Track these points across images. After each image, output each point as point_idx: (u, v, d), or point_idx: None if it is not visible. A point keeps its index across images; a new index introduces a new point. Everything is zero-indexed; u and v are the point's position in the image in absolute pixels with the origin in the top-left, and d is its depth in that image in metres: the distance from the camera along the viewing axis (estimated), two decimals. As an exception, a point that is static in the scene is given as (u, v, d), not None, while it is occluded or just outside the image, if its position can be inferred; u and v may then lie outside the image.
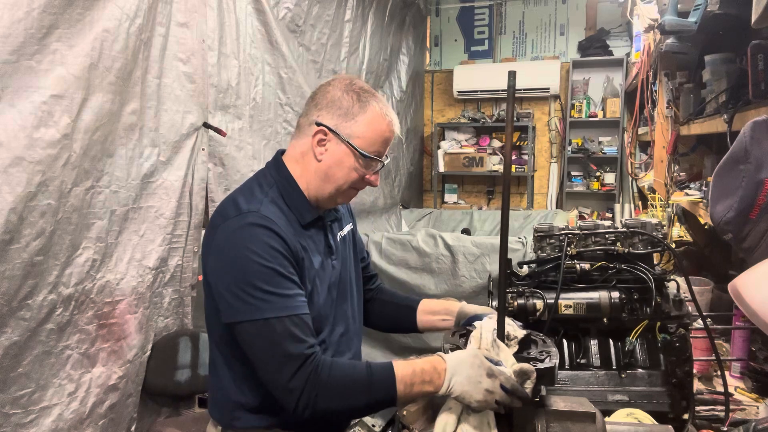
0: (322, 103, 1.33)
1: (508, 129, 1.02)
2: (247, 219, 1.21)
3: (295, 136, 1.38)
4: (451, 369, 1.11)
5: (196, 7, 2.38)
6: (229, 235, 1.22)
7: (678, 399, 1.42)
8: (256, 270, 1.17)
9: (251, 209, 1.23)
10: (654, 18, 2.50)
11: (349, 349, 1.45)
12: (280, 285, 1.18)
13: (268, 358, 1.17)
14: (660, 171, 2.96)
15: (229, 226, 1.23)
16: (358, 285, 1.53)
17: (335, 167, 1.31)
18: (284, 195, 1.32)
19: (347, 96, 1.31)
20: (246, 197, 1.28)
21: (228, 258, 1.20)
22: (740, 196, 1.40)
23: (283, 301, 1.18)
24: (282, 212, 1.28)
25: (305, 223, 1.32)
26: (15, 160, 1.61)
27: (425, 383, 1.12)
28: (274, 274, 1.18)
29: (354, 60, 4.08)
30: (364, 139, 1.29)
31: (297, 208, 1.32)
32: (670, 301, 1.47)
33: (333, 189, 1.32)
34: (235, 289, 1.18)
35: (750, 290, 1.10)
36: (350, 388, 1.16)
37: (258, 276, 1.17)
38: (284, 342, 1.15)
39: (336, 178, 1.31)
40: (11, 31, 1.58)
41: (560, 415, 1.04)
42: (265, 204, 1.26)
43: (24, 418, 1.73)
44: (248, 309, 1.17)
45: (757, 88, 1.63)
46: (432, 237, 3.33)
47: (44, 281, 1.75)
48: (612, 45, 5.65)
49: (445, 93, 6.19)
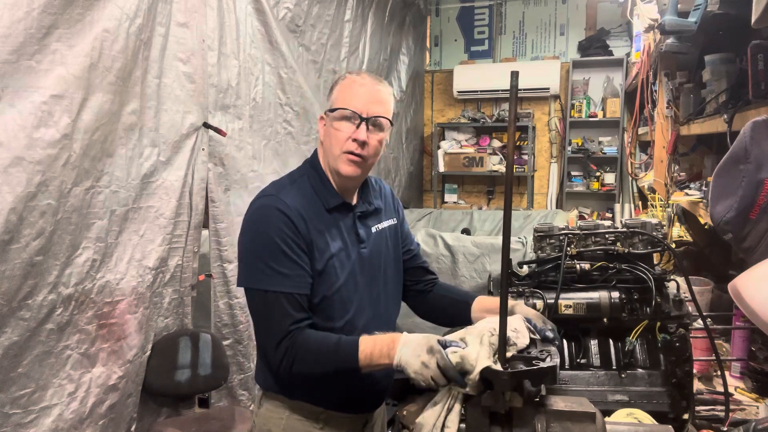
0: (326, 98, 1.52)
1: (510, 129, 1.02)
2: (265, 201, 1.41)
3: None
4: (401, 343, 1.26)
5: (196, 7, 2.38)
6: (250, 213, 1.42)
7: (678, 399, 1.41)
8: (262, 245, 1.36)
9: (272, 192, 1.42)
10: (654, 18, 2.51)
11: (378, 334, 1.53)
12: (281, 263, 1.35)
13: (261, 323, 1.40)
14: (660, 171, 2.96)
15: (253, 205, 1.43)
16: (395, 276, 1.62)
17: (327, 138, 1.46)
18: (312, 183, 1.47)
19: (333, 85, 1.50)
20: (275, 183, 1.48)
21: (245, 231, 1.42)
22: (740, 196, 1.40)
23: (282, 279, 1.34)
24: (306, 198, 1.43)
25: (329, 207, 1.46)
26: (15, 160, 1.61)
27: (382, 355, 1.27)
28: (278, 253, 1.35)
29: (354, 60, 4.08)
30: (335, 102, 1.45)
31: (323, 193, 1.46)
32: (670, 301, 1.46)
33: (332, 159, 1.44)
34: (247, 258, 1.40)
35: (750, 290, 1.10)
36: (319, 357, 1.34)
37: (264, 251, 1.36)
38: (276, 313, 1.34)
39: (329, 146, 1.45)
40: (11, 31, 1.58)
41: (560, 415, 1.04)
42: (287, 190, 1.43)
43: (24, 418, 1.73)
44: (253, 278, 1.38)
45: (757, 88, 1.63)
46: (432, 237, 3.33)
47: (44, 281, 1.75)
48: (612, 45, 5.65)
49: (445, 93, 6.19)
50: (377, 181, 1.65)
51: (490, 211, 5.29)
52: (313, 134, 3.37)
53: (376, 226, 1.56)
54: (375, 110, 1.42)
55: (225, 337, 2.64)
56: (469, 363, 1.11)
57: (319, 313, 1.41)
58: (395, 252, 1.62)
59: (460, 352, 1.13)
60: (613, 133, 5.64)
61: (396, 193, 5.40)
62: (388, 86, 1.51)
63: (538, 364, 1.10)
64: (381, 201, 1.61)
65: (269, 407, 1.49)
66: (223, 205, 2.61)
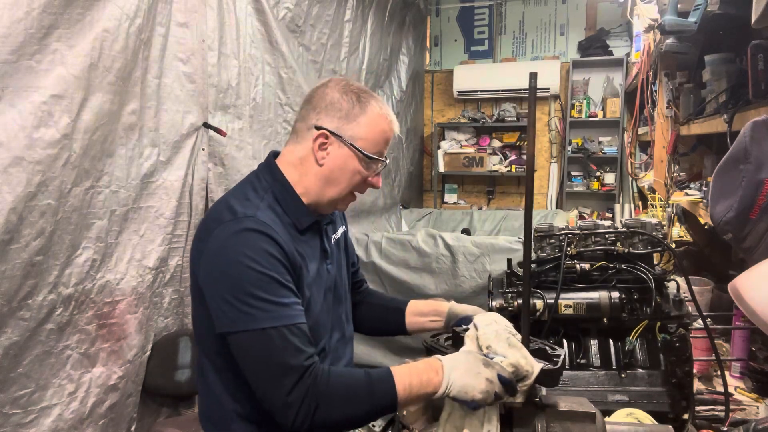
0: (320, 106, 1.29)
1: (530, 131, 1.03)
2: (243, 224, 1.16)
3: (291, 141, 1.35)
4: (448, 365, 1.10)
5: (196, 7, 2.38)
6: (225, 240, 1.16)
7: (678, 399, 1.42)
8: (252, 277, 1.12)
9: (248, 213, 1.19)
10: (654, 18, 2.51)
11: (345, 354, 1.42)
12: (277, 293, 1.13)
13: (264, 370, 1.12)
14: (660, 171, 2.96)
15: (224, 230, 1.17)
16: (349, 286, 1.51)
17: (338, 171, 1.27)
18: (280, 200, 1.27)
19: (346, 97, 1.27)
20: (241, 201, 1.23)
21: (222, 264, 1.15)
22: (740, 196, 1.40)
23: (281, 310, 1.13)
24: (278, 217, 1.24)
25: (302, 228, 1.28)
26: (15, 160, 1.61)
27: (423, 385, 1.10)
28: (271, 282, 1.13)
29: (354, 60, 4.08)
30: (366, 140, 1.27)
31: (293, 213, 1.28)
32: (670, 301, 1.47)
33: (335, 193, 1.29)
34: (230, 297, 1.12)
35: (750, 290, 1.10)
36: (351, 398, 1.12)
37: (254, 283, 1.12)
38: (282, 353, 1.10)
39: (339, 182, 1.28)
40: (11, 31, 1.58)
41: (560, 415, 1.04)
42: (262, 209, 1.22)
43: (24, 418, 1.73)
44: (244, 318, 1.12)
45: (757, 88, 1.63)
46: (432, 237, 3.33)
47: (44, 281, 1.75)
48: (612, 45, 5.65)
49: (445, 93, 6.19)
50: None
51: (490, 211, 5.29)
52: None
53: (334, 236, 1.43)
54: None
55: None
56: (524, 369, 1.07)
57: None
58: (347, 263, 1.50)
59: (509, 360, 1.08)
60: (613, 133, 5.64)
61: (396, 193, 5.40)
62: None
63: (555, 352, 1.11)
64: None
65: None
66: (223, 205, 2.61)
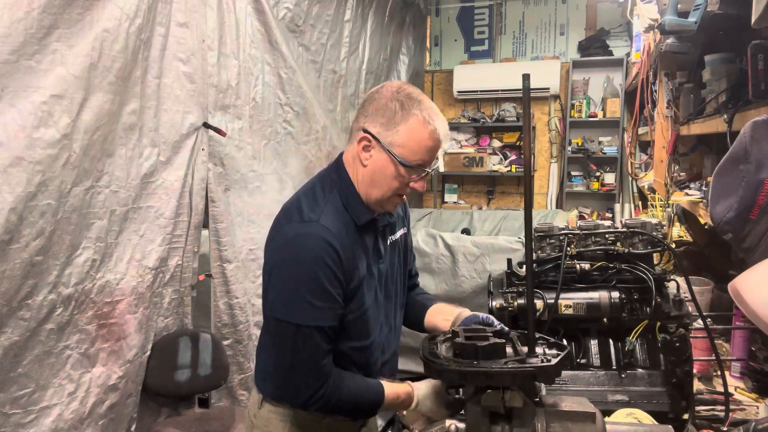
0: (370, 110, 1.34)
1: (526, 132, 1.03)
2: (307, 228, 1.28)
3: (349, 140, 1.42)
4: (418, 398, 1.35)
5: (196, 7, 2.38)
6: (289, 240, 1.30)
7: (678, 399, 1.42)
8: (304, 279, 1.26)
9: (312, 218, 1.30)
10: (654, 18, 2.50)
11: (390, 347, 1.53)
12: (322, 298, 1.27)
13: (286, 356, 1.30)
14: (660, 171, 2.96)
15: (290, 231, 1.31)
16: (403, 288, 1.58)
17: (378, 174, 1.33)
18: (342, 197, 1.36)
19: (392, 103, 1.31)
20: (309, 202, 1.34)
21: (283, 260, 1.30)
22: (740, 196, 1.40)
23: (318, 313, 1.27)
24: (340, 216, 1.33)
25: (361, 223, 1.36)
26: (15, 160, 1.61)
27: (403, 406, 1.37)
28: (318, 288, 1.26)
29: (354, 60, 4.08)
30: (404, 148, 1.30)
31: (354, 209, 1.36)
32: (670, 301, 1.47)
33: (379, 194, 1.35)
34: (283, 289, 1.29)
35: (750, 290, 1.10)
36: (349, 405, 1.36)
37: (306, 285, 1.26)
38: (307, 348, 1.28)
39: (380, 184, 1.34)
40: (11, 31, 1.58)
41: (560, 415, 1.04)
42: (326, 212, 1.31)
43: (24, 418, 1.73)
44: (288, 311, 1.28)
45: (757, 88, 1.63)
46: (432, 237, 3.33)
47: (44, 281, 1.75)
48: (612, 45, 5.65)
49: (445, 93, 6.19)
50: None
51: (490, 211, 5.28)
52: (312, 134, 3.37)
53: (391, 237, 1.51)
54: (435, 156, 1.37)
55: (225, 337, 2.64)
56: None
57: (347, 333, 1.37)
58: (404, 262, 1.58)
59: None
60: (613, 133, 5.64)
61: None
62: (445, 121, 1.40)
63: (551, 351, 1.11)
64: (400, 208, 1.56)
65: (271, 409, 1.47)
66: (223, 205, 2.61)
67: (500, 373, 1.04)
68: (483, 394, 1.06)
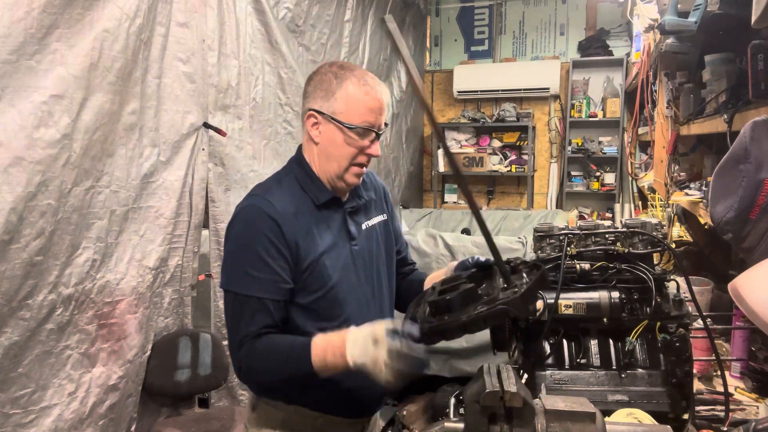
0: (310, 90, 1.41)
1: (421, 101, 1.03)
2: (249, 201, 1.37)
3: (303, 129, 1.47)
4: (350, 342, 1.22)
5: (196, 7, 2.38)
6: (236, 215, 1.38)
7: (678, 399, 1.41)
8: (242, 249, 1.34)
9: (256, 193, 1.39)
10: (654, 18, 2.51)
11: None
12: (260, 269, 1.31)
13: (229, 325, 1.37)
14: (660, 171, 2.96)
15: (238, 207, 1.39)
16: (388, 274, 1.58)
17: (330, 146, 1.39)
18: (299, 180, 1.42)
19: (327, 77, 1.38)
20: (262, 185, 1.44)
21: (230, 234, 1.38)
22: (740, 196, 1.40)
23: (256, 283, 1.31)
24: (293, 195, 1.39)
25: (320, 203, 1.41)
26: (15, 160, 1.61)
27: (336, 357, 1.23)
28: (255, 258, 1.31)
29: (354, 60, 4.08)
30: (346, 112, 1.35)
31: (311, 189, 1.42)
32: (670, 301, 1.46)
33: (336, 167, 1.39)
34: (226, 260, 1.39)
35: (750, 290, 1.10)
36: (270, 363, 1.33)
37: (246, 255, 1.32)
38: (243, 317, 1.32)
39: (335, 156, 1.38)
40: (11, 31, 1.58)
41: (560, 415, 1.04)
42: (273, 190, 1.38)
43: (24, 418, 1.73)
44: (228, 279, 1.36)
45: (757, 88, 1.62)
46: (432, 237, 3.33)
47: (44, 281, 1.75)
48: (612, 45, 5.64)
49: (445, 93, 6.18)
50: (369, 174, 1.59)
51: (490, 211, 5.28)
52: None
53: (366, 223, 1.52)
54: (383, 120, 1.39)
55: (225, 337, 2.63)
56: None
57: (311, 313, 1.38)
58: (387, 249, 1.58)
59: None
60: (613, 133, 5.64)
61: (396, 193, 5.40)
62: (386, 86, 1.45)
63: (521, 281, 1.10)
64: (372, 192, 1.57)
65: (266, 409, 1.47)
66: (223, 205, 2.61)
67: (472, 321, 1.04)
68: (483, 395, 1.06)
